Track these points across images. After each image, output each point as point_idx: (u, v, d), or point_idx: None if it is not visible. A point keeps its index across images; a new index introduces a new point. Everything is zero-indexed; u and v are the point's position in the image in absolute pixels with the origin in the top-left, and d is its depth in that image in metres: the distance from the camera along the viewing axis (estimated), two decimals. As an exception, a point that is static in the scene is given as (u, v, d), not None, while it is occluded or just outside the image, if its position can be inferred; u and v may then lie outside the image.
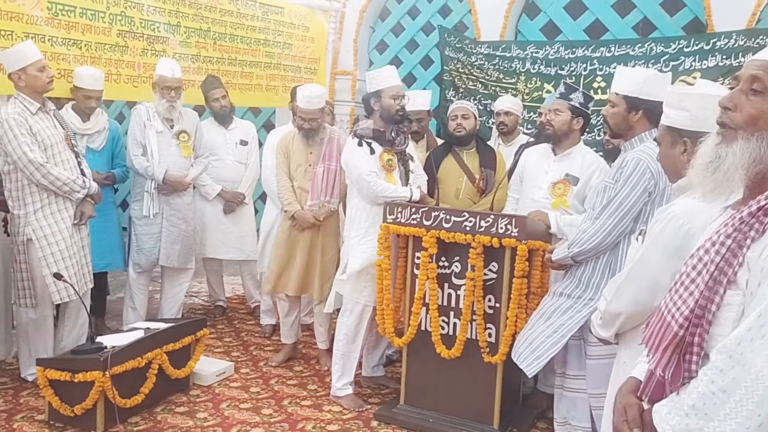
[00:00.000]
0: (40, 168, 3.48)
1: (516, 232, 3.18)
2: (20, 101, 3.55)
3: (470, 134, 3.93)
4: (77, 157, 3.73)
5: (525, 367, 3.01)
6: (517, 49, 5.36)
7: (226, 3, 5.30)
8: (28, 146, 3.46)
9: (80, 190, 3.64)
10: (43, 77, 3.55)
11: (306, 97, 3.92)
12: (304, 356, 4.36)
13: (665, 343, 1.28)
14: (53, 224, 3.58)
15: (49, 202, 3.58)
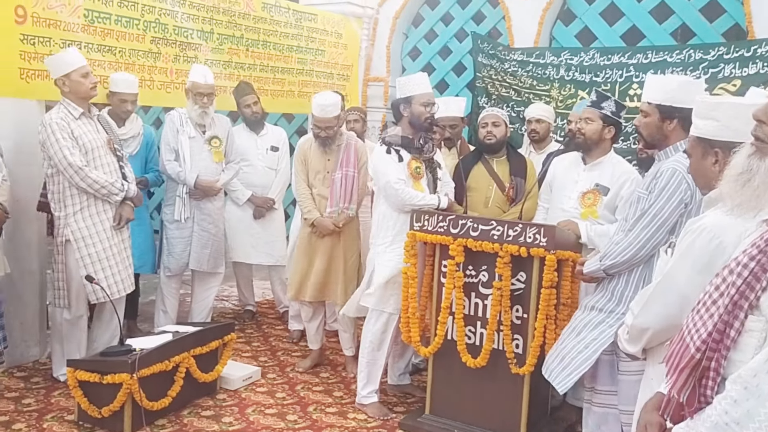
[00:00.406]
0: (79, 171, 3.56)
1: (544, 242, 3.12)
2: (65, 106, 3.65)
3: (501, 142, 3.89)
4: (120, 161, 3.80)
5: (556, 383, 2.94)
6: (551, 55, 5.29)
7: (259, 10, 5.36)
8: (69, 150, 3.55)
9: (118, 193, 3.71)
10: (86, 83, 3.63)
11: (320, 105, 3.92)
12: (330, 362, 4.36)
13: (682, 365, 1.23)
14: (91, 226, 3.66)
15: (88, 205, 3.66)
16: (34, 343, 4.12)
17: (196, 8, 4.84)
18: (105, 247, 3.68)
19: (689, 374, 1.21)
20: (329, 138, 4.00)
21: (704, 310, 1.23)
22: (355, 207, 4.08)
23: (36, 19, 3.84)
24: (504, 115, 3.98)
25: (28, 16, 3.79)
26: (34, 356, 4.11)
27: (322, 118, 3.95)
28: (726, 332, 1.18)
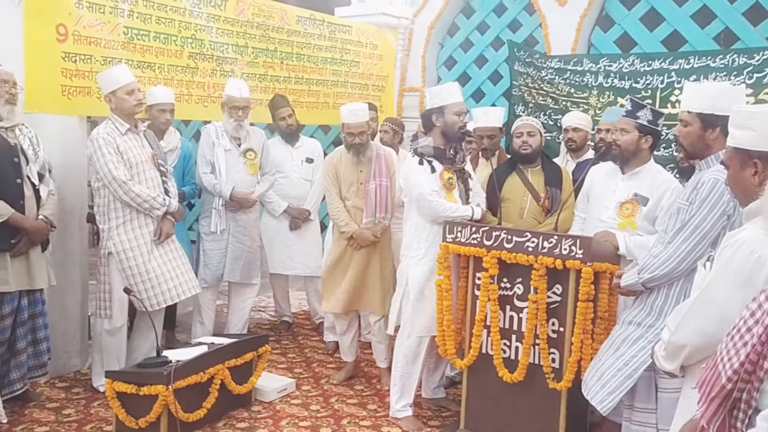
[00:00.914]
0: (123, 185, 3.65)
1: (581, 254, 3.05)
2: (112, 122, 3.76)
3: (536, 152, 3.83)
4: (163, 175, 3.89)
5: (597, 403, 2.85)
6: (589, 62, 5.19)
7: (293, 23, 5.41)
8: (114, 164, 3.65)
9: (160, 208, 3.79)
10: (131, 100, 3.73)
11: (350, 111, 3.99)
12: (365, 375, 4.34)
13: (713, 394, 1.16)
14: (132, 239, 3.74)
15: (130, 218, 3.74)
16: (76, 353, 4.21)
17: (231, 23, 4.92)
18: (145, 260, 3.75)
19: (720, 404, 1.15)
20: (362, 145, 3.99)
21: (738, 338, 1.17)
22: (390, 217, 4.07)
23: (77, 37, 3.95)
24: (539, 125, 3.92)
25: (69, 34, 3.90)
26: (75, 366, 4.20)
27: (353, 124, 3.97)
28: (759, 363, 1.11)
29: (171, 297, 3.85)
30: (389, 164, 4.09)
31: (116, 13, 4.16)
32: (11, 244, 3.45)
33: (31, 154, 3.58)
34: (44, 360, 3.75)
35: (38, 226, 3.54)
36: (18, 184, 3.49)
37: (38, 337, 3.70)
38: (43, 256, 3.63)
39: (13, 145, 3.52)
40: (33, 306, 3.66)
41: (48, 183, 3.68)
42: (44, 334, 3.73)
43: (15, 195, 3.47)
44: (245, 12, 5.04)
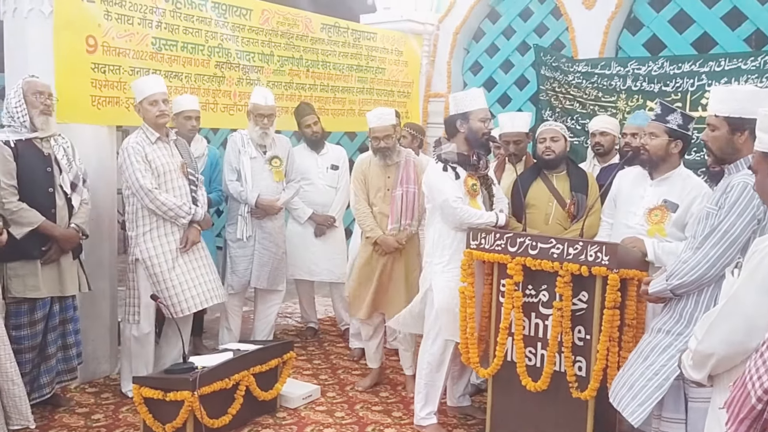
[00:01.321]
0: (149, 193, 3.71)
1: (606, 260, 3.00)
2: (143, 131, 3.84)
3: (560, 157, 3.79)
4: (192, 184, 3.93)
5: (628, 415, 2.78)
6: (617, 65, 5.13)
7: (317, 31, 5.44)
8: (141, 173, 3.71)
9: (185, 216, 3.84)
10: (153, 111, 3.78)
11: (376, 116, 4.02)
12: (390, 381, 4.32)
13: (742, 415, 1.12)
14: (158, 246, 3.80)
15: (157, 226, 3.81)
16: (105, 359, 4.27)
17: (256, 32, 4.97)
18: (170, 268, 3.80)
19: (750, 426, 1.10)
20: (389, 149, 4.00)
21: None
22: (416, 224, 4.05)
23: (106, 48, 4.02)
24: (563, 129, 3.87)
25: (98, 45, 3.98)
26: (105, 372, 4.26)
27: (379, 127, 4.00)
28: None
29: (195, 305, 3.88)
30: (418, 171, 4.07)
31: (144, 24, 4.23)
32: (42, 251, 3.53)
33: (64, 164, 3.66)
34: (73, 365, 3.82)
35: (68, 234, 3.61)
36: (50, 193, 3.57)
37: (68, 342, 3.77)
38: (74, 264, 3.70)
39: (47, 155, 3.60)
40: (64, 312, 3.73)
41: (81, 192, 3.75)
42: (74, 340, 3.80)
43: (46, 203, 3.55)
44: (270, 21, 5.09)
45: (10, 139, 3.51)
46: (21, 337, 3.51)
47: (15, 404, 3.03)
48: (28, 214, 3.47)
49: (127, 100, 4.11)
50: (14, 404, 3.03)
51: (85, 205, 3.78)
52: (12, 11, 3.84)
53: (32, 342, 3.55)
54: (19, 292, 3.48)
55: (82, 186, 3.78)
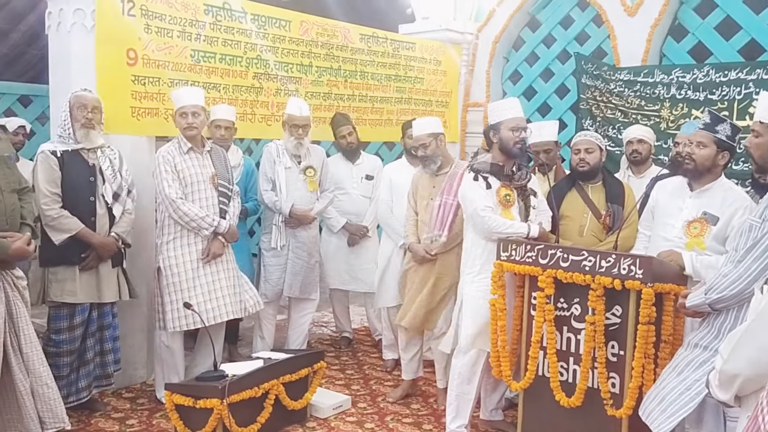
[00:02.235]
0: (172, 203, 3.77)
1: (641, 274, 2.90)
2: (178, 140, 3.91)
3: (594, 169, 3.70)
4: (222, 196, 3.95)
5: (654, 426, 2.69)
6: (660, 73, 5.00)
7: (356, 42, 5.46)
8: (168, 182, 3.77)
9: (208, 228, 3.85)
10: (182, 123, 3.84)
11: (415, 125, 4.05)
12: (422, 394, 4.27)
13: None
14: (179, 256, 3.85)
15: (180, 236, 3.86)
16: (142, 365, 4.35)
17: (295, 43, 5.02)
18: (188, 278, 3.83)
19: None
20: (427, 158, 3.97)
21: None
22: (447, 235, 3.96)
23: (146, 60, 4.12)
24: (598, 140, 3.78)
25: (138, 58, 4.08)
26: (141, 378, 4.34)
27: (418, 136, 4.00)
28: None
29: (214, 317, 3.88)
30: None
31: (184, 37, 4.32)
32: (81, 258, 3.63)
33: (108, 175, 3.74)
34: (109, 371, 3.88)
35: (106, 242, 3.69)
36: (91, 201, 3.67)
37: (105, 348, 3.84)
38: (113, 271, 3.77)
39: (92, 165, 3.70)
40: (102, 318, 3.81)
41: (124, 202, 3.80)
42: (111, 346, 3.86)
43: (87, 212, 3.65)
44: (309, 32, 5.13)
45: (58, 149, 3.64)
46: (60, 341, 3.61)
47: (50, 407, 3.10)
48: (68, 221, 3.57)
49: (166, 111, 4.20)
50: (49, 407, 3.09)
51: (128, 215, 3.84)
52: (56, 26, 3.98)
53: (70, 346, 3.63)
54: (57, 297, 3.60)
55: (127, 196, 3.84)
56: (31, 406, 3.04)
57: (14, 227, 3.02)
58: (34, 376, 3.06)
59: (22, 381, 3.02)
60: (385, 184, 4.59)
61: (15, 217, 3.05)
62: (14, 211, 3.04)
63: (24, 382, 3.02)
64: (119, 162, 3.84)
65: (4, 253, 2.90)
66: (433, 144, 3.97)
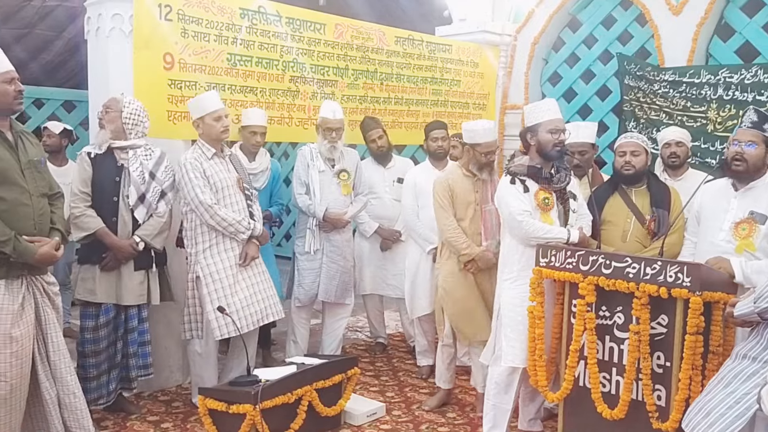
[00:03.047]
0: (209, 209, 3.73)
1: (688, 282, 2.78)
2: (199, 146, 3.86)
3: (640, 173, 3.56)
4: (248, 199, 3.94)
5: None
6: (707, 74, 4.85)
7: (392, 44, 5.41)
8: (200, 188, 3.73)
9: (245, 231, 3.84)
10: (217, 126, 3.81)
11: (485, 130, 3.79)
12: (458, 402, 4.18)
13: None
14: (218, 263, 3.80)
15: (216, 242, 3.81)
16: (177, 368, 4.36)
17: (331, 46, 4.99)
18: (230, 284, 3.79)
19: None
20: (490, 164, 3.85)
21: None
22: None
23: (183, 64, 4.13)
24: (644, 143, 3.64)
25: (175, 62, 4.09)
26: (177, 381, 4.35)
27: (489, 143, 3.79)
28: None
29: (254, 321, 3.86)
30: None
31: (220, 41, 4.32)
32: (101, 258, 3.64)
33: (135, 176, 3.70)
34: (131, 375, 3.80)
35: (121, 245, 3.64)
36: (114, 201, 3.67)
37: (129, 352, 3.78)
38: (137, 275, 3.72)
39: (120, 165, 3.70)
40: (127, 322, 3.77)
41: (150, 205, 3.74)
42: (136, 351, 3.80)
43: (110, 211, 3.67)
44: (344, 35, 5.10)
45: (93, 150, 3.71)
46: (85, 341, 3.65)
47: (76, 417, 3.06)
48: (89, 220, 3.59)
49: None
50: (75, 417, 3.06)
51: (158, 218, 3.77)
52: (95, 31, 4.02)
53: (94, 347, 3.64)
54: (80, 295, 3.66)
55: (160, 200, 3.79)
56: (57, 416, 3.01)
57: (43, 232, 2.99)
58: (61, 385, 3.03)
59: (48, 390, 2.98)
60: (410, 190, 4.48)
61: (44, 222, 3.01)
62: (43, 216, 3.01)
63: (50, 391, 2.99)
64: (154, 163, 3.78)
65: (29, 258, 2.87)
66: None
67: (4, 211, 2.84)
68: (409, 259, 4.58)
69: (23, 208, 2.91)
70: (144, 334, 3.84)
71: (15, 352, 2.83)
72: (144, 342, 3.84)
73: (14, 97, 2.91)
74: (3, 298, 2.83)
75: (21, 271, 2.90)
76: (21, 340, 2.85)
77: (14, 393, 2.85)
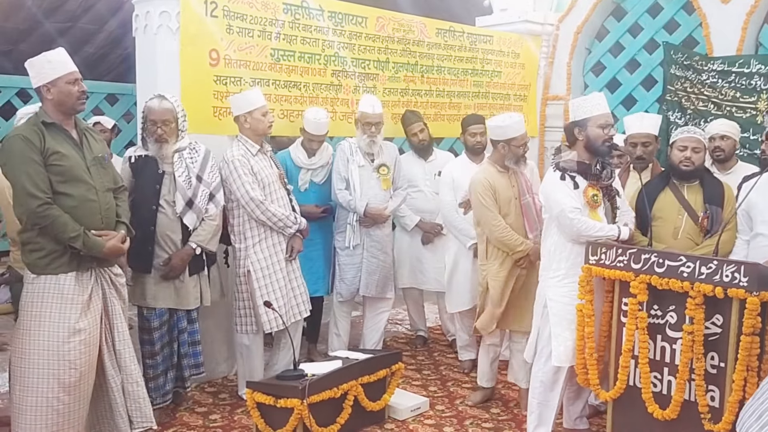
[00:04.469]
0: (260, 205, 3.78)
1: (745, 282, 2.71)
2: (242, 143, 3.89)
3: (698, 170, 3.49)
4: (288, 194, 4.01)
5: None
6: (757, 63, 4.74)
7: (433, 36, 5.38)
8: (250, 185, 3.77)
9: (292, 226, 3.90)
10: (265, 121, 3.86)
11: (517, 123, 3.80)
12: (502, 397, 4.17)
13: None
14: (268, 257, 3.87)
15: (265, 237, 3.87)
16: (223, 359, 4.43)
17: (372, 39, 4.98)
18: (279, 277, 3.88)
19: None
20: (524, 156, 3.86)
21: None
22: None
23: (228, 60, 4.17)
24: (705, 139, 3.55)
25: (220, 58, 4.13)
26: (222, 372, 4.42)
27: (522, 136, 3.80)
28: None
29: (295, 314, 3.96)
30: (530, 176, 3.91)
31: (264, 36, 4.35)
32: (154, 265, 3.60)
33: (181, 182, 3.59)
34: (184, 375, 3.84)
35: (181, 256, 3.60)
36: (152, 210, 3.57)
37: (181, 352, 3.79)
38: (191, 279, 3.69)
39: (161, 172, 3.61)
40: (178, 323, 3.76)
41: (199, 210, 3.65)
42: (186, 351, 3.79)
43: (148, 220, 3.56)
44: (386, 27, 5.08)
45: (134, 155, 3.69)
46: (143, 341, 3.69)
47: (139, 406, 3.16)
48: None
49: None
50: (138, 406, 3.16)
51: (210, 221, 3.70)
52: (143, 28, 4.06)
53: (150, 348, 3.66)
54: (138, 301, 3.67)
55: (209, 202, 3.71)
56: (122, 403, 3.12)
57: (110, 226, 3.08)
58: (126, 374, 3.13)
59: (113, 378, 3.10)
60: (448, 185, 4.43)
61: (111, 216, 3.11)
62: (109, 210, 3.09)
63: (116, 379, 3.11)
64: (200, 165, 3.71)
65: (98, 251, 2.97)
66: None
67: (72, 208, 2.92)
68: (449, 254, 4.55)
69: (90, 204, 3.00)
70: (195, 335, 3.83)
71: (83, 340, 2.95)
72: (195, 342, 3.83)
73: (77, 98, 2.99)
74: (73, 289, 2.95)
75: (90, 263, 3.02)
76: (89, 329, 2.98)
77: (83, 380, 2.98)
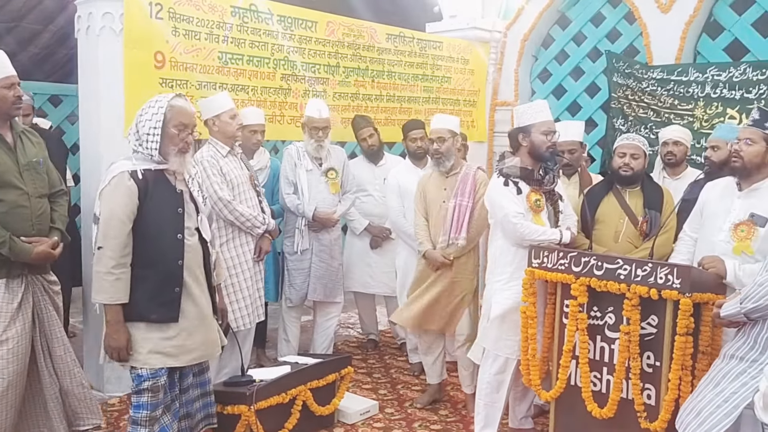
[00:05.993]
0: (228, 204, 3.78)
1: (678, 284, 2.81)
2: (212, 145, 3.89)
3: (637, 175, 3.60)
4: (258, 195, 4.01)
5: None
6: (695, 72, 4.90)
7: (383, 41, 5.42)
8: (218, 185, 3.78)
9: (261, 226, 3.92)
10: (234, 124, 3.87)
11: (436, 119, 4.00)
12: (450, 399, 4.22)
13: None
14: (235, 257, 3.87)
15: (233, 237, 3.88)
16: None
17: (322, 44, 4.98)
18: (247, 277, 3.89)
19: None
20: (441, 154, 3.89)
21: None
22: (466, 238, 3.84)
23: (174, 63, 4.12)
24: (644, 145, 3.65)
25: (166, 61, 4.08)
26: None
27: (437, 129, 3.93)
28: None
29: (255, 318, 3.95)
30: (478, 186, 3.92)
31: (211, 39, 4.31)
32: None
33: (200, 202, 3.01)
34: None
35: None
36: (179, 240, 2.79)
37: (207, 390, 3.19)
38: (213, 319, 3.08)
39: (179, 192, 2.86)
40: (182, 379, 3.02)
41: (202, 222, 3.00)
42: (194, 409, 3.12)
43: (175, 254, 2.77)
44: (336, 32, 5.10)
45: (138, 168, 2.75)
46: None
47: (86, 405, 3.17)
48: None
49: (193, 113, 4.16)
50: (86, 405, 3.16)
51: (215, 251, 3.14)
52: (85, 29, 3.98)
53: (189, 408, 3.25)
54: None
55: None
56: (60, 410, 3.08)
57: (42, 232, 3.02)
58: (71, 378, 3.10)
59: (51, 386, 3.05)
60: (394, 191, 4.45)
61: (44, 222, 3.05)
62: (41, 216, 3.03)
63: (54, 387, 3.06)
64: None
65: (26, 257, 2.92)
66: (449, 141, 3.90)
67: (2, 213, 2.86)
68: (399, 258, 4.59)
69: (21, 210, 2.93)
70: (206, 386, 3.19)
71: (11, 349, 2.89)
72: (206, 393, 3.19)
73: (12, 102, 2.92)
74: (2, 297, 2.89)
75: (21, 270, 2.95)
76: (16, 337, 2.91)
77: (10, 389, 2.91)
